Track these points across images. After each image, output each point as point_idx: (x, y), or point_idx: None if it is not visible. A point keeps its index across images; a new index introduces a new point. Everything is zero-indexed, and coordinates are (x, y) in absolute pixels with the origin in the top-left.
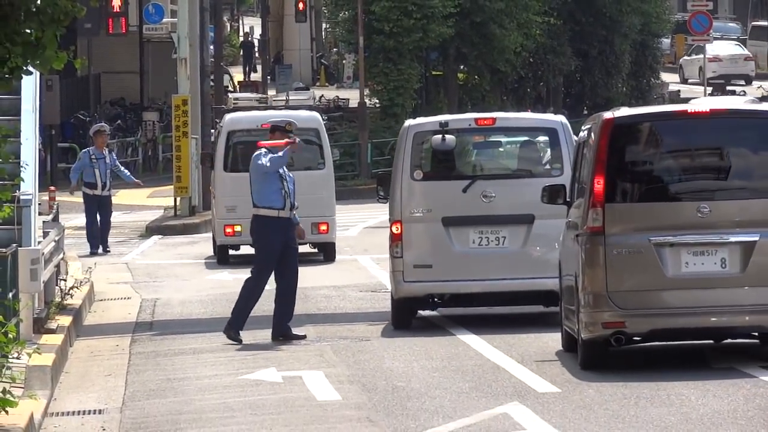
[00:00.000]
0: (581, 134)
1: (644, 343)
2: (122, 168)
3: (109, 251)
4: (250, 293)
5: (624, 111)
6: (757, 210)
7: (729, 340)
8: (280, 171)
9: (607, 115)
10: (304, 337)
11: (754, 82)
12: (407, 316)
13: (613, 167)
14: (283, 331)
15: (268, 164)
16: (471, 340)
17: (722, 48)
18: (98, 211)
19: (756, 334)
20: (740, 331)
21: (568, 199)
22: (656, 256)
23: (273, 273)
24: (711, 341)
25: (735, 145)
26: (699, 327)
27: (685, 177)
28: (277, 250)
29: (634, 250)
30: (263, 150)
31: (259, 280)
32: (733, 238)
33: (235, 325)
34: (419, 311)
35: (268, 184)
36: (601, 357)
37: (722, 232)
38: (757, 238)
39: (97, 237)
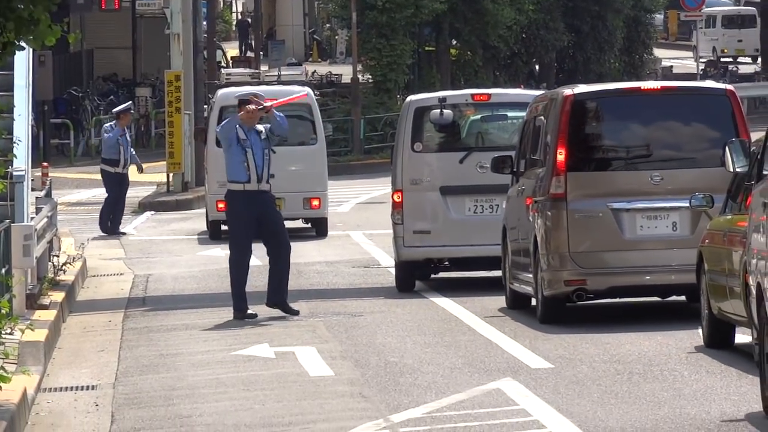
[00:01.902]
0: (529, 110)
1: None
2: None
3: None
4: (235, 271)
5: (582, 87)
6: (704, 178)
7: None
8: (243, 143)
9: (567, 91)
10: (297, 312)
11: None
12: (409, 279)
13: (573, 139)
14: (278, 301)
15: (218, 130)
16: (463, 314)
17: None
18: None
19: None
20: (690, 288)
21: (514, 170)
22: (614, 220)
23: (266, 249)
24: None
25: (684, 119)
26: (653, 284)
27: (639, 148)
28: (246, 224)
29: (593, 214)
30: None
31: (236, 256)
32: (682, 204)
33: (237, 307)
34: (432, 275)
35: (230, 158)
36: (560, 312)
37: (673, 198)
38: None
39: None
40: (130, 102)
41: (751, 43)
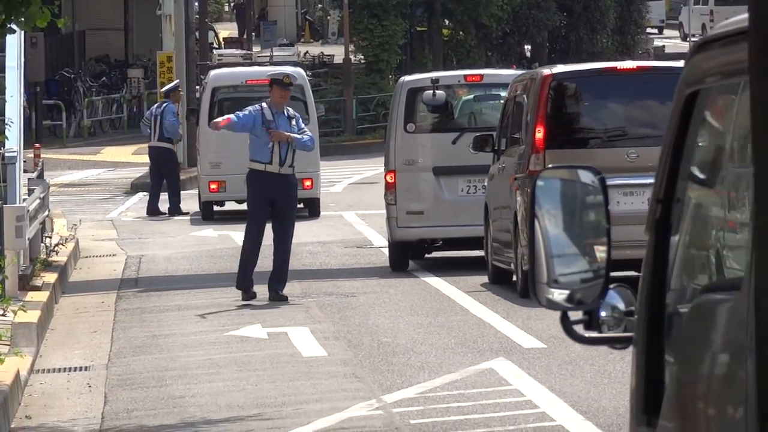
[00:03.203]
0: (509, 90)
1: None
2: None
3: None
4: (244, 250)
5: (560, 67)
6: None
7: None
8: (269, 124)
9: (546, 71)
10: (285, 298)
11: None
12: (403, 259)
13: (552, 117)
14: (270, 287)
15: (241, 117)
16: (456, 294)
17: None
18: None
19: None
20: None
21: (495, 148)
22: None
23: (273, 232)
24: None
25: (659, 98)
26: (629, 258)
27: (616, 126)
28: (261, 204)
29: None
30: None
31: (249, 234)
32: None
33: (240, 284)
34: (425, 254)
35: (255, 138)
36: None
37: (648, 175)
38: None
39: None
40: (177, 81)
41: (656, 14)
